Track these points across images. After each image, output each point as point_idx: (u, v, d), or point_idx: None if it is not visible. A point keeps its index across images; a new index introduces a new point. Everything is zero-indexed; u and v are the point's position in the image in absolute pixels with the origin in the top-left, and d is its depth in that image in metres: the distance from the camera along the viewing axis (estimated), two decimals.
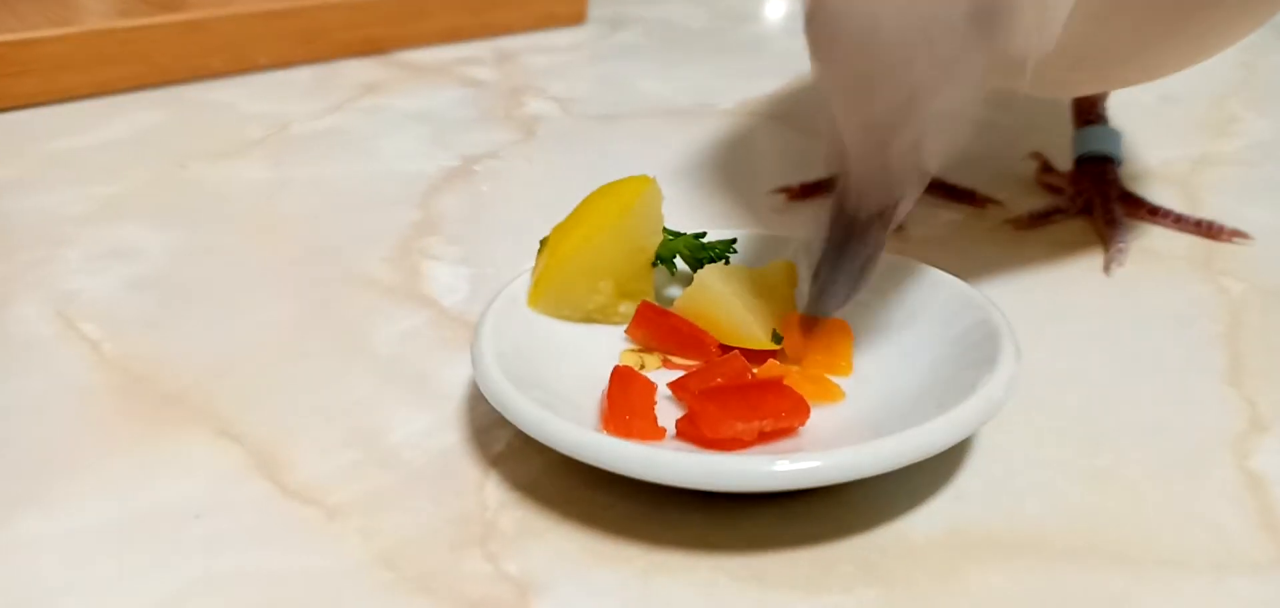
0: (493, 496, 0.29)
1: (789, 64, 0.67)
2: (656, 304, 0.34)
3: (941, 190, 0.48)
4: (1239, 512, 0.29)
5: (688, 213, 0.45)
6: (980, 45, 0.28)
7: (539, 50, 0.69)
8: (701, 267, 0.35)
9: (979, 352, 0.31)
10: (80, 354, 0.36)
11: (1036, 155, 0.50)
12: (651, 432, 0.29)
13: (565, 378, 0.31)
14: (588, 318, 0.34)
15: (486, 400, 0.29)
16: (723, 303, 0.33)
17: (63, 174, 0.50)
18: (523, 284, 0.34)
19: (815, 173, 0.49)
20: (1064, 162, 0.49)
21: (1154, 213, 0.45)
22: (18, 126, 0.56)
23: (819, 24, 0.29)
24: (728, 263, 0.35)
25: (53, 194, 0.48)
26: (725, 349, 0.33)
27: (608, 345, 0.34)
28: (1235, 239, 0.43)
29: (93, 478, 0.30)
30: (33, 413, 0.33)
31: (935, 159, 0.31)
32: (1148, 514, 0.29)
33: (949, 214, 0.46)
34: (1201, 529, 0.28)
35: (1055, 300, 0.39)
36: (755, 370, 0.32)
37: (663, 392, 0.31)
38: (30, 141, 0.54)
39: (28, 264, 0.42)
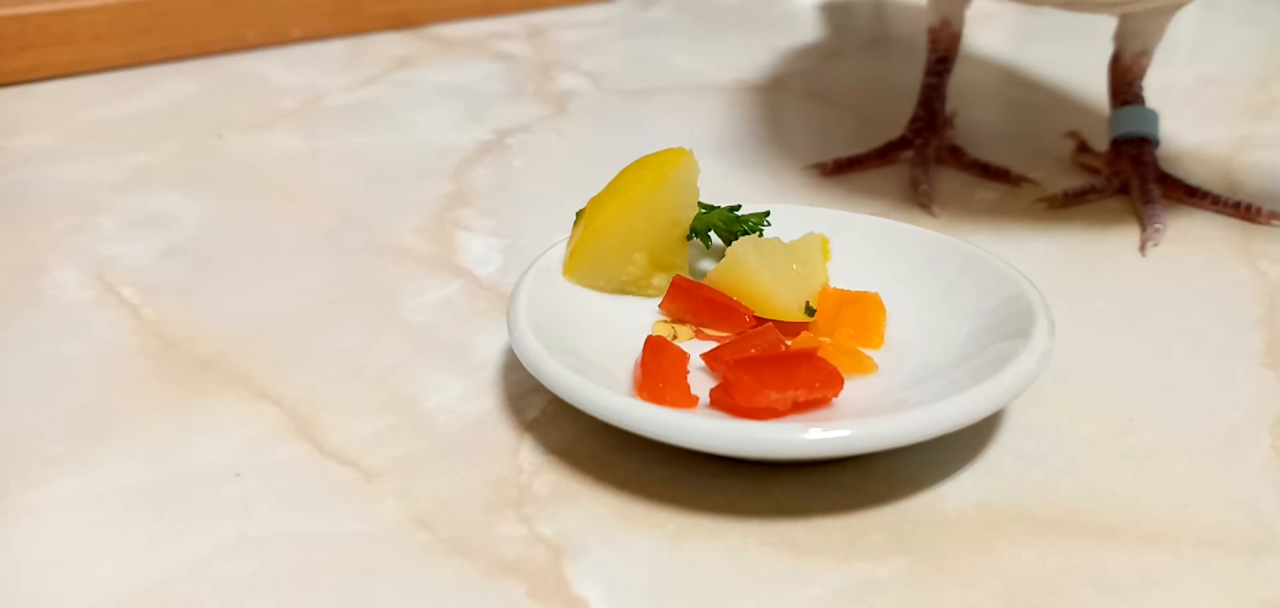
0: (527, 460, 0.29)
1: (821, 40, 0.67)
2: (690, 277, 0.34)
3: (977, 168, 0.47)
4: (1275, 493, 0.29)
5: (721, 187, 0.45)
6: None
7: (570, 25, 0.69)
8: (735, 239, 0.35)
9: (1012, 326, 0.31)
10: (118, 318, 0.36)
11: (1073, 135, 0.50)
12: (684, 400, 0.29)
13: (598, 347, 0.31)
14: (622, 289, 0.34)
15: (521, 368, 0.29)
16: (756, 275, 0.33)
17: (98, 143, 0.51)
18: (558, 254, 0.34)
19: (848, 149, 0.49)
20: (1101, 142, 0.48)
21: (1191, 194, 0.44)
22: (55, 96, 0.57)
23: None
24: (761, 236, 0.35)
25: (89, 163, 0.48)
26: (759, 321, 0.33)
27: (641, 317, 0.34)
28: (1274, 221, 0.43)
29: (131, 440, 0.30)
30: (71, 376, 0.33)
31: None
32: (1182, 494, 0.29)
33: (984, 192, 0.46)
34: (1237, 510, 0.28)
35: (1090, 280, 0.39)
36: (789, 342, 0.32)
37: (695, 362, 0.31)
38: (67, 111, 0.55)
39: (65, 231, 0.42)
